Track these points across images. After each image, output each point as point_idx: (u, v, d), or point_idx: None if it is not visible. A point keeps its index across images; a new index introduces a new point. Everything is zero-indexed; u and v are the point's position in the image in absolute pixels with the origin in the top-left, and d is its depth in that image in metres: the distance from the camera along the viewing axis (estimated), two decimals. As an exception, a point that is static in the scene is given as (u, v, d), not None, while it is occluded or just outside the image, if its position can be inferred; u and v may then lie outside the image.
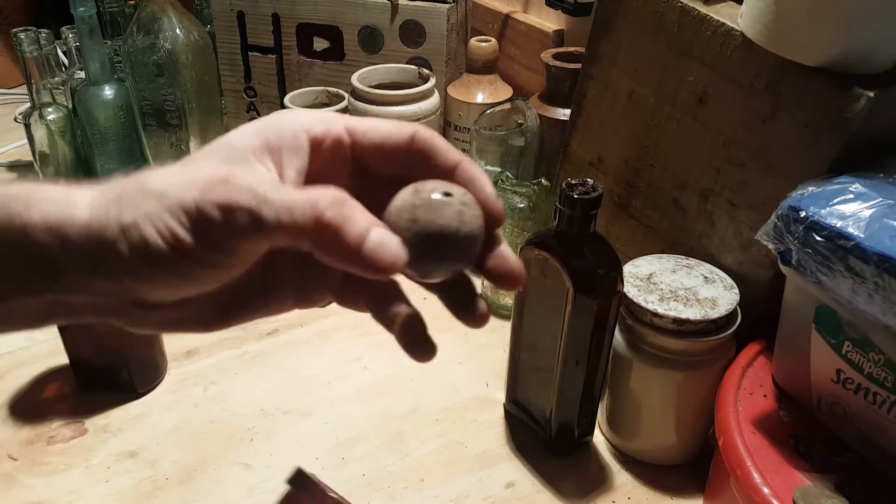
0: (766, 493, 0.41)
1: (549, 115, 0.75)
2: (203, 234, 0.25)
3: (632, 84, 0.59)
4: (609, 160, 0.63)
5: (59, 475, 0.54)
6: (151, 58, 0.76)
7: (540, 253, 0.50)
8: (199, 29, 0.79)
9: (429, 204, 0.26)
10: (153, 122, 0.80)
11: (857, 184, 0.42)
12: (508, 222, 0.66)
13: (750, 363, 0.51)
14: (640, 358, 0.51)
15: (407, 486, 0.54)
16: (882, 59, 0.46)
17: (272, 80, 0.93)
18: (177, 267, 0.25)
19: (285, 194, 0.25)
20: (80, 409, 0.59)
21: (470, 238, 0.27)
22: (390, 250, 0.25)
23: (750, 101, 0.51)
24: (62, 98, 0.83)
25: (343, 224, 0.25)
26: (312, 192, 0.25)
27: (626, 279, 0.51)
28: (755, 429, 0.46)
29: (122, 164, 0.86)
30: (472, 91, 0.84)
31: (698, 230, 0.57)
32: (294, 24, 0.89)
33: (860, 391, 0.42)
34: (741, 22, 0.50)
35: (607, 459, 0.56)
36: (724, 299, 0.49)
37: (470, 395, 0.62)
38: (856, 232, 0.39)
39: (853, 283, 0.39)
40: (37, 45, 0.77)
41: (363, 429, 0.58)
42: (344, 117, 0.29)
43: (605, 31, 0.60)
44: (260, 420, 0.59)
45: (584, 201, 0.46)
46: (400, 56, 0.87)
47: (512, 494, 0.53)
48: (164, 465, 0.55)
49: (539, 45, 0.85)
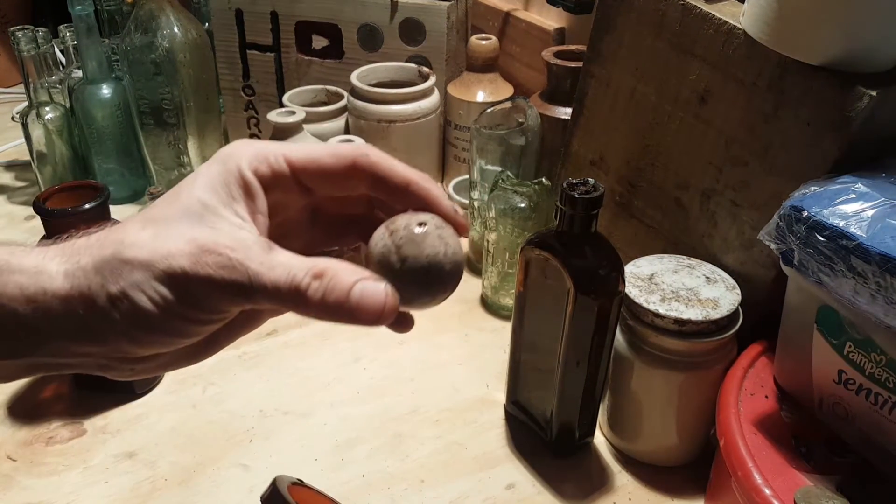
0: (767, 495, 0.41)
1: (550, 113, 0.75)
2: (195, 301, 0.26)
3: (633, 82, 0.59)
4: (610, 159, 0.63)
5: (58, 476, 0.54)
6: (149, 56, 0.76)
7: (541, 253, 0.49)
8: (197, 27, 0.79)
9: (411, 239, 0.27)
10: (151, 120, 0.80)
11: (859, 183, 0.42)
12: (509, 222, 0.66)
13: (751, 364, 0.51)
14: (641, 358, 0.51)
15: (407, 487, 0.53)
16: (885, 57, 0.46)
17: (270, 78, 0.92)
18: (170, 327, 0.26)
19: (272, 268, 0.26)
20: (78, 410, 0.59)
21: (457, 260, 0.28)
22: (376, 299, 0.26)
23: (752, 100, 0.50)
24: (60, 97, 0.83)
25: (325, 291, 0.26)
26: (294, 264, 0.26)
27: (627, 279, 0.50)
28: (756, 430, 0.46)
29: (119, 163, 0.86)
30: (472, 89, 0.84)
31: (700, 230, 0.56)
32: (293, 21, 0.88)
33: (862, 392, 0.42)
34: (743, 20, 0.50)
35: (608, 460, 0.56)
36: (726, 300, 0.49)
37: (470, 396, 0.62)
38: (858, 232, 0.38)
39: (855, 284, 0.38)
40: (34, 43, 0.77)
41: (363, 430, 0.58)
42: (283, 147, 0.29)
43: (607, 29, 0.59)
44: (259, 421, 0.59)
45: (586, 201, 0.46)
46: (400, 54, 0.87)
47: (512, 496, 0.53)
48: (163, 466, 0.55)
49: (540, 43, 0.85)
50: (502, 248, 0.67)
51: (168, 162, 0.83)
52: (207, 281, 0.25)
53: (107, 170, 0.85)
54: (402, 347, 0.66)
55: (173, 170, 0.84)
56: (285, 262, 0.26)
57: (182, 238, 0.26)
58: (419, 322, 0.76)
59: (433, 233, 0.27)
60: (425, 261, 0.27)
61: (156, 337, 0.26)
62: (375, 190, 0.30)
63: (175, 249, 0.25)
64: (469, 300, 0.73)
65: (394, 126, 0.80)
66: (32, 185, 0.91)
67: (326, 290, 0.26)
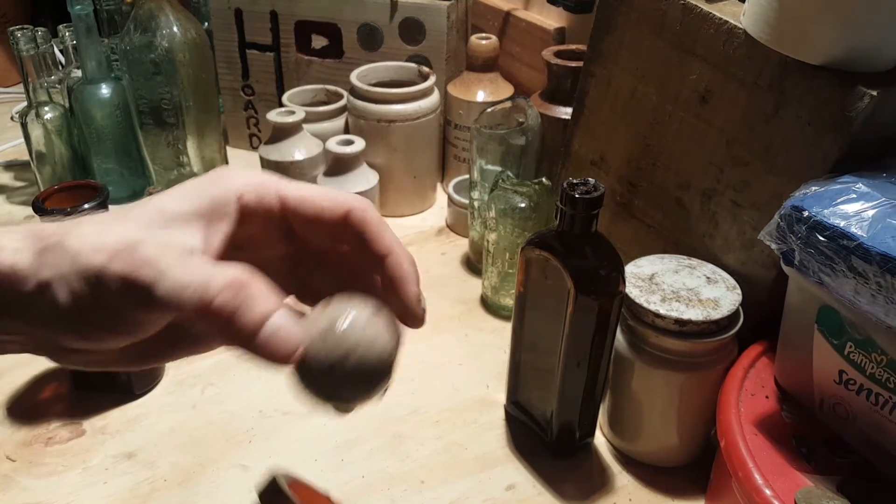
0: (767, 495, 0.41)
1: (551, 113, 0.75)
2: (98, 300, 0.24)
3: (634, 82, 0.59)
4: (611, 159, 0.63)
5: (57, 476, 0.54)
6: (148, 56, 0.76)
7: (541, 253, 0.49)
8: (197, 26, 0.79)
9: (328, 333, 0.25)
10: (150, 120, 0.80)
11: (860, 183, 0.42)
12: (509, 222, 0.66)
13: (752, 364, 0.51)
14: (641, 359, 0.51)
15: (406, 488, 0.53)
16: (886, 57, 0.45)
17: (270, 78, 0.92)
18: (80, 328, 0.25)
19: (184, 272, 0.24)
20: (77, 411, 0.59)
21: (386, 361, 0.26)
22: (288, 342, 0.24)
23: (753, 100, 0.50)
24: (59, 97, 0.83)
25: (236, 310, 0.24)
26: (209, 273, 0.24)
27: (627, 279, 0.50)
28: (757, 430, 0.46)
29: (118, 163, 0.86)
30: (472, 89, 0.84)
31: (701, 230, 0.56)
32: (292, 21, 0.88)
33: (862, 392, 0.42)
34: (744, 20, 0.50)
35: (608, 461, 0.56)
36: (727, 300, 0.49)
37: (470, 397, 0.61)
38: (859, 232, 0.38)
39: (856, 284, 0.38)
40: (33, 43, 0.76)
41: (362, 430, 0.58)
42: (280, 183, 0.28)
43: (608, 29, 0.59)
44: (258, 421, 0.59)
45: (586, 201, 0.46)
46: (399, 54, 0.87)
47: (512, 496, 0.53)
48: (163, 467, 0.54)
49: (540, 42, 0.85)
50: (502, 248, 0.67)
51: (167, 162, 0.83)
52: (116, 278, 0.24)
53: (106, 170, 0.85)
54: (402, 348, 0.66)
55: (172, 170, 0.84)
56: (201, 266, 0.24)
57: (114, 235, 0.25)
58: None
59: (357, 333, 0.25)
60: (335, 362, 0.25)
61: (71, 335, 0.25)
62: (354, 246, 0.28)
63: (101, 245, 0.24)
64: (469, 300, 0.73)
65: (394, 126, 0.80)
66: (31, 185, 0.90)
67: (238, 309, 0.24)
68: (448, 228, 0.85)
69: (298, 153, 0.78)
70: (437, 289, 0.74)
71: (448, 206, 0.84)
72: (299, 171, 0.78)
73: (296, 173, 0.78)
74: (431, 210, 0.88)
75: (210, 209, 0.26)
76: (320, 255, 0.30)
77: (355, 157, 0.77)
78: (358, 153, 0.77)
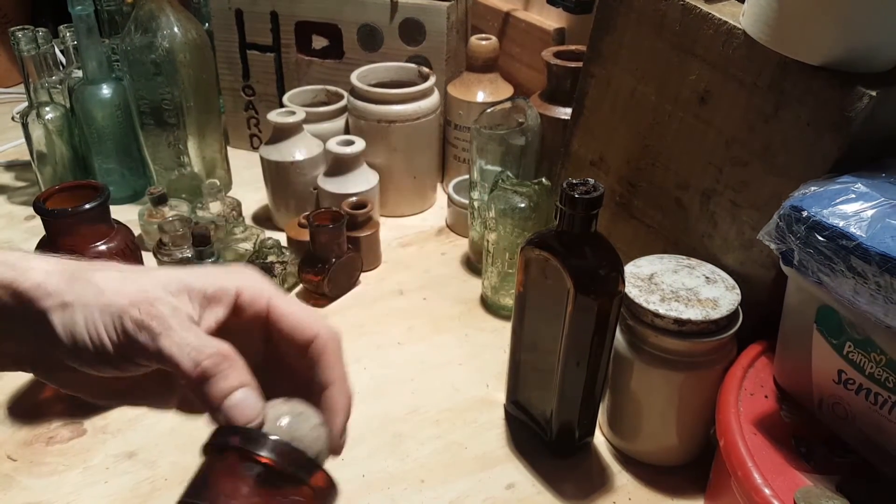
0: (767, 494, 0.41)
1: (550, 113, 0.75)
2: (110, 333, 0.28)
3: (633, 82, 0.59)
4: (610, 159, 0.63)
5: (58, 476, 0.54)
6: (149, 56, 0.76)
7: (540, 253, 0.49)
8: (197, 27, 0.79)
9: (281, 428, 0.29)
10: (151, 121, 0.80)
11: (859, 183, 0.42)
12: (509, 222, 0.66)
13: (751, 364, 0.51)
14: (641, 358, 0.51)
15: (406, 487, 0.53)
16: (885, 58, 0.46)
17: (270, 78, 0.93)
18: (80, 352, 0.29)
19: (186, 334, 0.28)
20: (78, 410, 0.59)
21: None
22: (246, 413, 0.28)
23: (752, 100, 0.50)
24: (60, 97, 0.83)
25: (215, 375, 0.28)
26: (205, 340, 0.29)
27: (627, 279, 0.50)
28: (756, 430, 0.46)
29: (119, 163, 0.86)
30: (472, 89, 0.84)
31: (700, 230, 0.56)
32: (293, 22, 0.88)
33: (861, 392, 0.42)
34: (743, 20, 0.50)
35: (608, 461, 0.56)
36: (726, 300, 0.49)
37: (470, 396, 0.62)
38: (858, 232, 0.38)
39: (855, 284, 0.38)
40: (34, 43, 0.77)
41: (363, 430, 0.58)
42: (274, 294, 0.32)
43: (607, 30, 0.59)
44: (259, 421, 0.59)
45: (586, 201, 0.46)
46: (399, 54, 0.87)
47: (512, 496, 0.53)
48: (163, 466, 0.55)
49: (540, 43, 0.85)
50: (502, 248, 0.67)
51: (168, 162, 0.83)
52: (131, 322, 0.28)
53: (107, 170, 0.85)
54: (402, 348, 0.66)
55: (173, 170, 0.84)
56: (199, 333, 0.29)
57: (136, 285, 0.29)
58: (419, 322, 0.75)
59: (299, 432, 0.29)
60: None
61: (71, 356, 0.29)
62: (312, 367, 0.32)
63: (125, 291, 0.29)
64: (469, 300, 0.73)
65: (394, 126, 0.80)
66: (32, 185, 0.91)
67: (218, 375, 0.28)
68: (448, 228, 0.85)
69: (299, 153, 0.78)
70: (437, 289, 0.74)
71: (448, 207, 0.85)
72: (299, 172, 0.78)
73: (296, 173, 0.78)
74: (431, 210, 0.89)
75: (213, 294, 0.31)
76: (290, 364, 0.33)
77: (355, 158, 0.77)
78: (358, 153, 0.77)
